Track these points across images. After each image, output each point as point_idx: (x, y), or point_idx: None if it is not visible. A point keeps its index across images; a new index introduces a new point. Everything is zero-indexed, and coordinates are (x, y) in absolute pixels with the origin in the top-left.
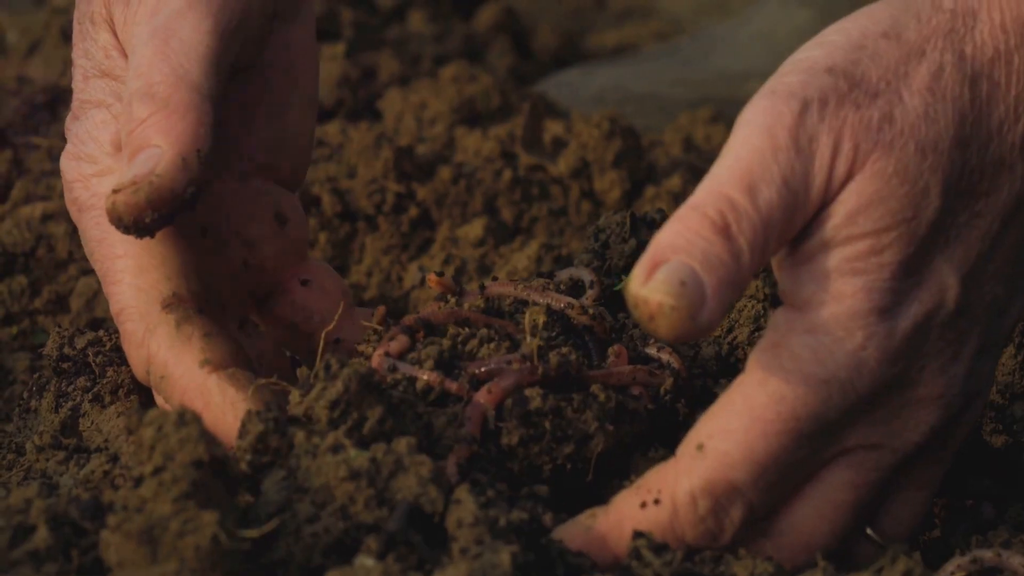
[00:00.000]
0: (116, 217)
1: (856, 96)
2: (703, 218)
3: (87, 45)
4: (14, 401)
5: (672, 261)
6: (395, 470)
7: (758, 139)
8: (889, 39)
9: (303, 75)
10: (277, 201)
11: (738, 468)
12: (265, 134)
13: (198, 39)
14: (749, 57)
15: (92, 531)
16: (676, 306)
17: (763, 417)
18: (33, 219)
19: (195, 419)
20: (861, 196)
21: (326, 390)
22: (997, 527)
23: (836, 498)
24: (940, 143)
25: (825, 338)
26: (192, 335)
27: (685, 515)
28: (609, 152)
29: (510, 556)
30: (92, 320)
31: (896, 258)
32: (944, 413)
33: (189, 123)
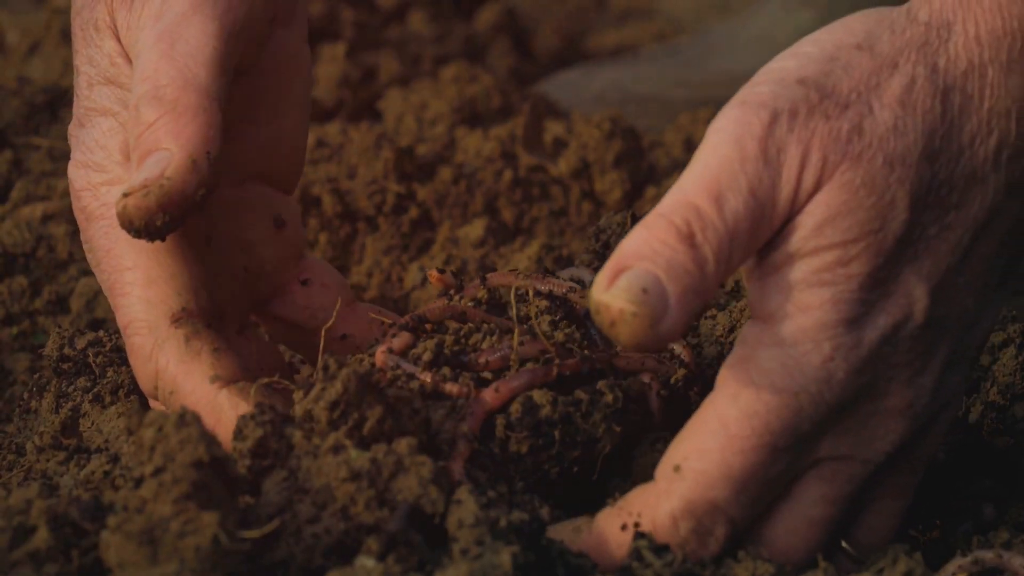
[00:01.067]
0: (127, 221)
1: (826, 107)
2: (669, 226)
3: (91, 52)
4: (14, 402)
5: (635, 268)
6: (396, 471)
7: (727, 148)
8: (862, 51)
9: (296, 79)
10: (274, 204)
11: (717, 487)
12: (260, 139)
13: (204, 42)
14: (750, 58)
15: (92, 532)
16: (637, 313)
17: (738, 434)
18: (33, 220)
19: (195, 420)
20: (828, 207)
21: (325, 391)
22: (998, 528)
23: (810, 514)
24: (908, 156)
25: (793, 350)
26: (201, 350)
27: (667, 538)
28: (610, 153)
29: (511, 557)
30: (92, 321)
31: (863, 269)
32: (912, 424)
33: (199, 125)
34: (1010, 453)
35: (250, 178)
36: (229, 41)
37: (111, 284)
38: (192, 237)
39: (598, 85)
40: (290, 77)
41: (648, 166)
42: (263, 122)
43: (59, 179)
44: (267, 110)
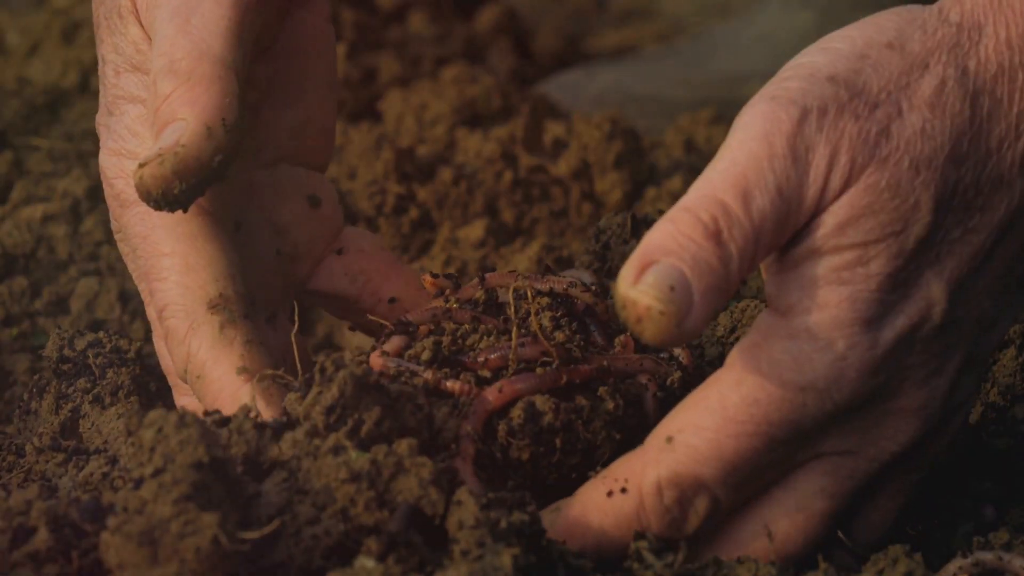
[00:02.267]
0: (145, 191)
1: (856, 106)
2: (696, 221)
3: (116, 40)
4: (14, 403)
5: (662, 263)
6: (396, 472)
7: (755, 145)
8: (893, 50)
9: (320, 58)
10: (308, 184)
11: (706, 464)
12: (288, 120)
13: (219, 13)
14: (750, 58)
15: (92, 533)
16: (664, 311)
17: (735, 418)
18: (33, 220)
19: (195, 421)
20: (852, 208)
21: (322, 395)
22: (998, 529)
23: (811, 507)
24: (934, 159)
25: (806, 345)
26: (234, 340)
27: (651, 505)
28: (610, 153)
29: (511, 558)
30: (92, 322)
31: (883, 270)
32: (923, 425)
33: (213, 94)
34: (1010, 454)
35: (281, 160)
36: (245, 12)
37: (147, 269)
38: (220, 222)
39: (598, 86)
40: (314, 57)
41: (648, 167)
42: (290, 103)
43: (59, 180)
44: (293, 91)
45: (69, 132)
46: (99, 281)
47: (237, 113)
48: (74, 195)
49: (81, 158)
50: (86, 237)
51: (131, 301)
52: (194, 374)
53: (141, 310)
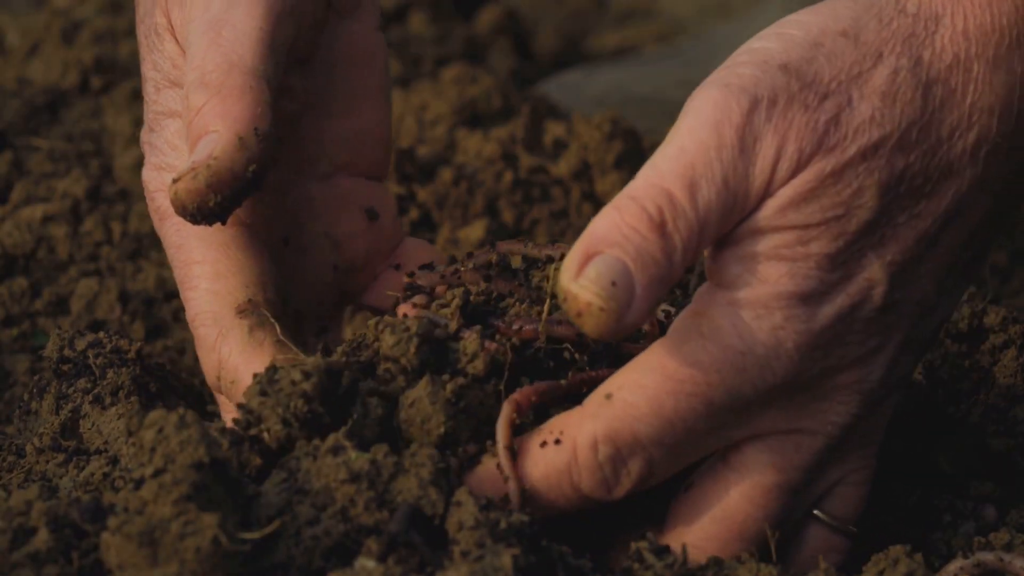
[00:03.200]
0: (180, 206)
1: (805, 96)
2: (641, 212)
3: (155, 57)
4: (14, 403)
5: (605, 255)
6: (396, 472)
7: (704, 133)
8: (847, 38)
9: (371, 68)
10: (366, 195)
11: (643, 421)
12: (342, 131)
13: (250, 25)
14: None
15: (93, 533)
16: (605, 307)
17: (675, 377)
18: (34, 221)
19: (196, 421)
20: (795, 190)
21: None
22: (999, 529)
23: (762, 481)
24: (881, 147)
25: (746, 312)
26: (264, 341)
27: (584, 459)
28: (610, 154)
29: (511, 559)
30: (92, 322)
31: (822, 250)
32: (864, 399)
33: (245, 104)
34: (1011, 455)
35: (337, 172)
36: (277, 23)
37: (181, 278)
38: (266, 237)
39: (599, 86)
40: (364, 67)
41: None
42: (342, 114)
43: (59, 180)
44: (344, 102)
45: (69, 132)
46: (99, 281)
47: (270, 122)
48: (74, 195)
49: (81, 158)
50: (86, 237)
51: (131, 301)
52: (228, 379)
53: (141, 310)
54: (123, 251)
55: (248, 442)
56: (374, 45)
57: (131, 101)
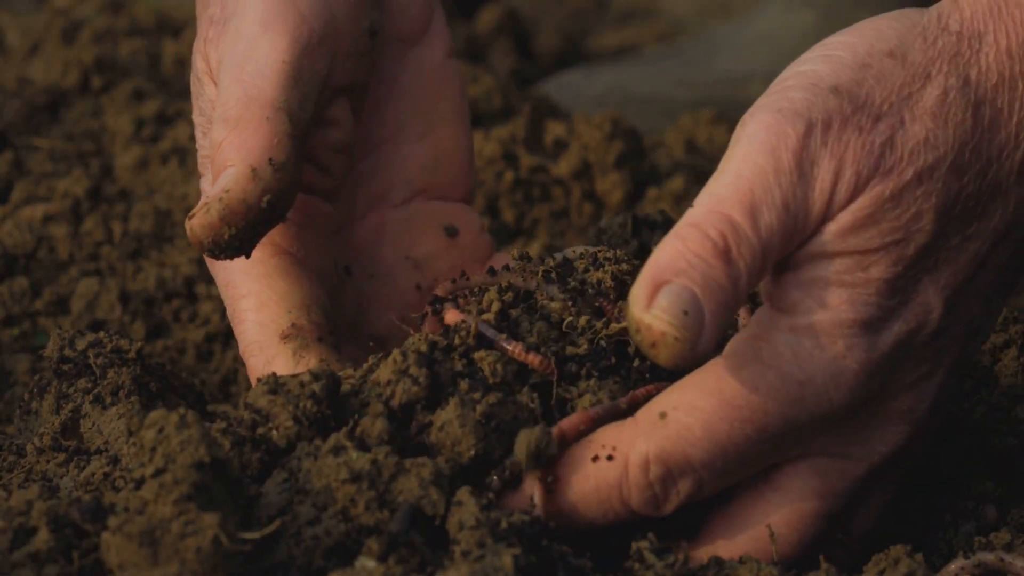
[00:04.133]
0: (197, 241)
1: (859, 119)
2: (704, 239)
3: (200, 103)
4: (15, 403)
5: (673, 284)
6: (396, 472)
7: (761, 158)
8: (895, 59)
9: (443, 94)
10: (444, 215)
11: (696, 445)
12: (417, 156)
13: (273, 58)
14: (752, 59)
15: (93, 533)
16: (679, 337)
17: (732, 403)
18: (34, 221)
19: (196, 421)
20: (855, 216)
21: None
22: (1000, 529)
23: (803, 507)
24: (937, 170)
25: (807, 341)
26: (308, 363)
27: (635, 477)
28: (611, 153)
29: (512, 559)
30: (93, 322)
31: (882, 276)
32: (912, 428)
33: (261, 136)
34: (1012, 455)
35: (416, 196)
36: (304, 55)
37: (231, 315)
38: (320, 267)
39: (599, 86)
40: (435, 92)
41: (649, 167)
42: (416, 139)
43: (59, 180)
44: (418, 127)
45: (69, 132)
46: (99, 281)
47: (287, 153)
48: (74, 195)
49: (81, 158)
50: (87, 237)
51: (131, 301)
52: None
53: (142, 310)
54: (123, 251)
55: (251, 443)
56: (447, 71)
57: (131, 101)
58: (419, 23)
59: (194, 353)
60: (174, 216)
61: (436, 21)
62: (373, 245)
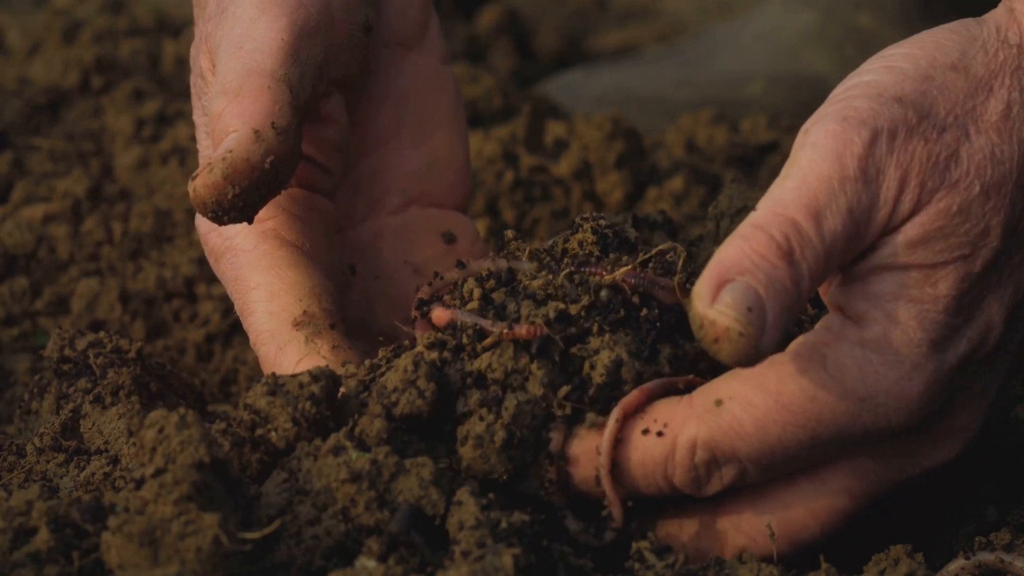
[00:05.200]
0: (200, 202)
1: (924, 130)
2: (769, 240)
3: (203, 102)
4: (15, 403)
5: (737, 282)
6: (396, 472)
7: (826, 165)
8: (957, 72)
9: (439, 100)
10: (442, 222)
11: (746, 440)
12: (413, 163)
13: (271, 36)
14: (751, 58)
15: (93, 533)
16: (744, 333)
17: (788, 407)
18: (34, 221)
19: (197, 421)
20: (923, 229)
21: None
22: (1000, 529)
23: (834, 504)
24: (1004, 186)
25: (875, 356)
26: (320, 348)
27: (681, 457)
28: (611, 153)
29: (512, 559)
30: (93, 322)
31: (950, 292)
32: (961, 445)
33: (261, 102)
34: (1012, 455)
35: (413, 203)
36: (301, 36)
37: (241, 308)
38: (328, 264)
39: (599, 86)
40: (431, 98)
41: (649, 167)
42: (410, 146)
43: (59, 180)
44: (412, 134)
45: (69, 132)
46: (99, 281)
47: (289, 119)
48: (74, 195)
49: (81, 158)
50: (87, 237)
51: (131, 301)
52: None
53: (142, 310)
54: (123, 251)
55: (251, 443)
56: (442, 77)
57: (131, 101)
58: (416, 27)
59: (194, 353)
60: (174, 216)
61: (432, 27)
62: (373, 249)
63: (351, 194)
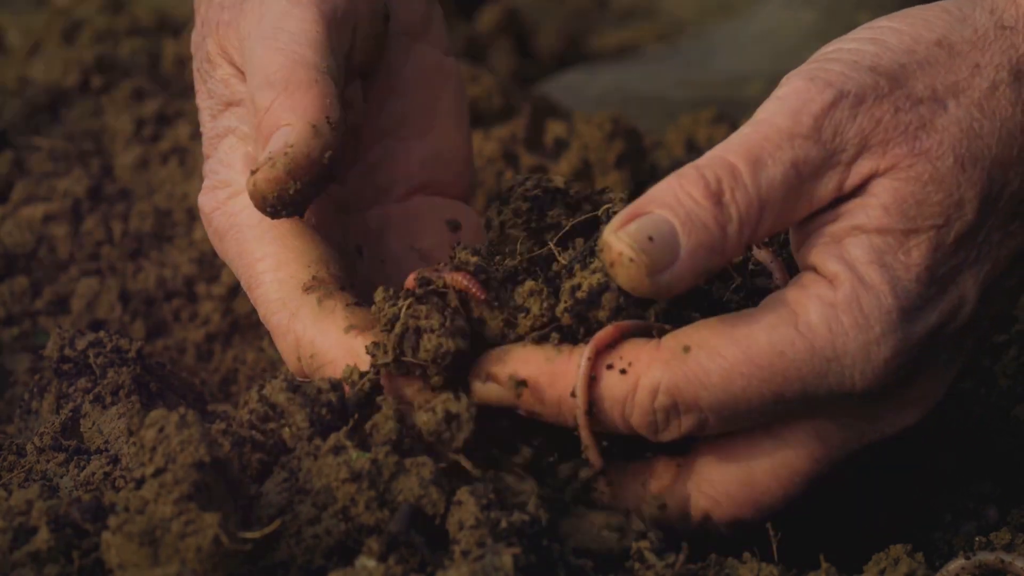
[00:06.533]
0: (260, 196)
1: (896, 99)
2: (699, 179)
3: (209, 85)
4: (15, 402)
5: (652, 214)
6: (396, 471)
7: (781, 118)
8: (942, 48)
9: (443, 90)
10: (445, 210)
11: (709, 390)
12: (418, 153)
13: (306, 27)
14: (752, 58)
15: (93, 533)
16: (635, 259)
17: (755, 361)
18: (34, 220)
19: (197, 420)
20: (896, 194)
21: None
22: (1000, 529)
23: (795, 465)
24: (981, 160)
25: (845, 318)
26: (335, 308)
27: (641, 400)
28: (611, 153)
29: (512, 558)
30: (93, 321)
31: (922, 262)
32: (923, 413)
33: (313, 95)
34: (1012, 456)
35: (416, 192)
36: (330, 28)
37: (248, 282)
38: (338, 244)
39: (599, 86)
40: (436, 89)
41: (649, 166)
42: (416, 136)
43: (60, 180)
44: (418, 124)
45: (69, 132)
46: (100, 281)
47: (340, 113)
48: (75, 195)
49: (82, 158)
50: (87, 237)
51: (131, 301)
52: (307, 354)
53: (142, 310)
54: (124, 250)
55: (254, 440)
56: (446, 67)
57: (131, 101)
58: (421, 17)
59: (194, 353)
60: (174, 216)
61: (436, 18)
62: (379, 235)
63: (359, 180)
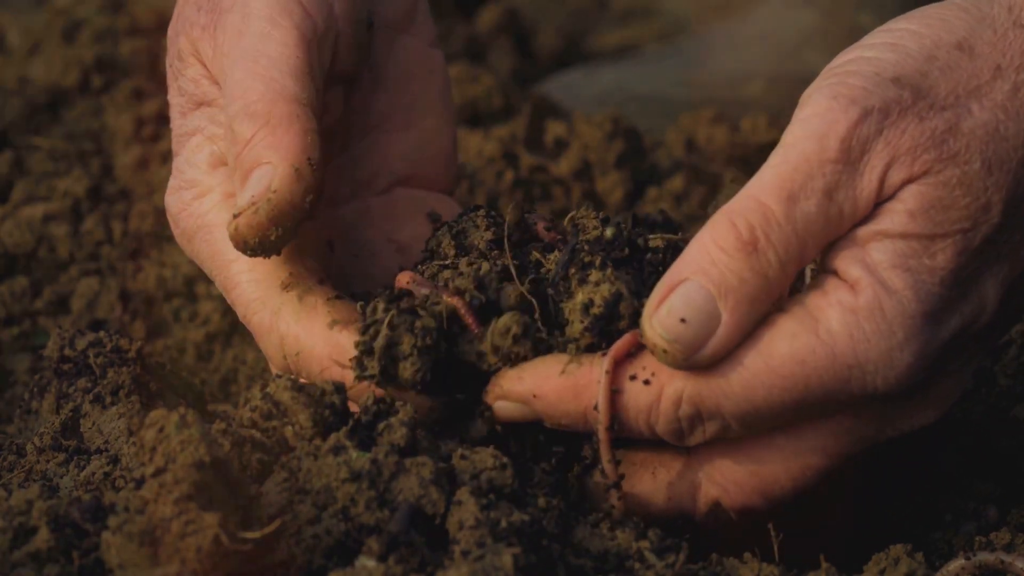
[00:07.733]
0: (241, 241)
1: (920, 109)
2: (730, 229)
3: (180, 83)
4: (15, 402)
5: (687, 284)
6: (396, 471)
7: (808, 145)
8: (963, 51)
9: (428, 82)
10: (427, 202)
11: (731, 399)
12: (401, 145)
13: (287, 53)
14: (752, 57)
15: (93, 533)
16: (668, 350)
17: (776, 370)
18: (34, 220)
19: (197, 420)
20: (923, 199)
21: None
22: (1000, 529)
23: (808, 461)
24: (1007, 162)
25: (867, 325)
26: (316, 304)
27: (665, 409)
28: (611, 153)
29: (512, 558)
30: (93, 321)
31: (947, 265)
32: (940, 413)
33: (295, 134)
34: (1013, 456)
35: (398, 184)
36: (312, 48)
37: (223, 283)
38: (309, 241)
39: (599, 85)
40: (421, 81)
41: (649, 166)
42: (400, 128)
43: (60, 180)
44: (402, 116)
45: (69, 132)
46: (100, 281)
47: (319, 150)
48: (75, 195)
49: (82, 157)
50: (87, 237)
51: (131, 301)
52: (292, 352)
53: (142, 310)
54: (124, 250)
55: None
56: (432, 60)
57: (131, 100)
58: (406, 9)
59: (194, 353)
60: None
61: (421, 10)
62: (356, 227)
63: (337, 176)
